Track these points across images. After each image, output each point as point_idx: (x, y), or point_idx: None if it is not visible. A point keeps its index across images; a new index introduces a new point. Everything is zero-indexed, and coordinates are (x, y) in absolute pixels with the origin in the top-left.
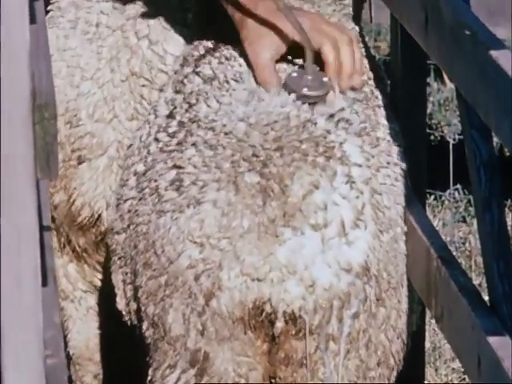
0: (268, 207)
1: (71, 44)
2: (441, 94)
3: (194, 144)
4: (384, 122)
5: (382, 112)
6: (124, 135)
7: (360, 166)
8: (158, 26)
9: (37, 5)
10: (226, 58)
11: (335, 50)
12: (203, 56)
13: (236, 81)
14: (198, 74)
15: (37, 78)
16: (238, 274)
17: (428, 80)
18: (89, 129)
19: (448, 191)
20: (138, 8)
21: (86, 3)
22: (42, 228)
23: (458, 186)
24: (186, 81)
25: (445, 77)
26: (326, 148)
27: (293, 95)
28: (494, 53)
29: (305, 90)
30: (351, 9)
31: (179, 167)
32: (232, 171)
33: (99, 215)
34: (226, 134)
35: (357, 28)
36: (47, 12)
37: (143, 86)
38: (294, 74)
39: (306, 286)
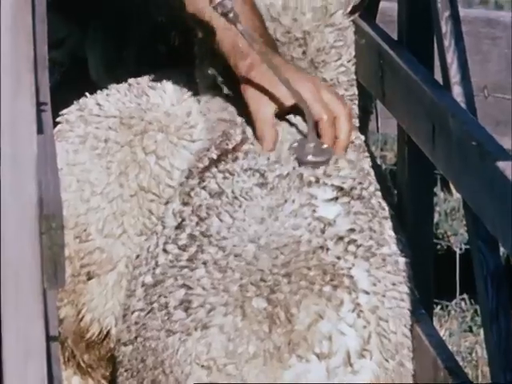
0: (274, 334)
1: (81, 159)
2: (447, 203)
3: (204, 263)
4: (391, 233)
5: (388, 224)
6: (133, 250)
7: (367, 293)
8: (165, 142)
9: (44, 115)
10: (230, 173)
11: (332, 126)
12: (207, 168)
13: (245, 198)
14: (204, 188)
15: (44, 188)
16: None
17: (435, 189)
18: (98, 244)
19: (454, 301)
20: (145, 124)
21: (94, 118)
22: (49, 338)
23: (465, 295)
24: (192, 193)
25: (451, 186)
26: (333, 276)
27: (307, 210)
28: (501, 164)
29: (310, 158)
30: (357, 121)
31: (188, 287)
32: (240, 295)
33: (108, 331)
34: (235, 256)
35: (362, 137)
36: (55, 123)
37: (151, 200)
38: (296, 144)
39: None
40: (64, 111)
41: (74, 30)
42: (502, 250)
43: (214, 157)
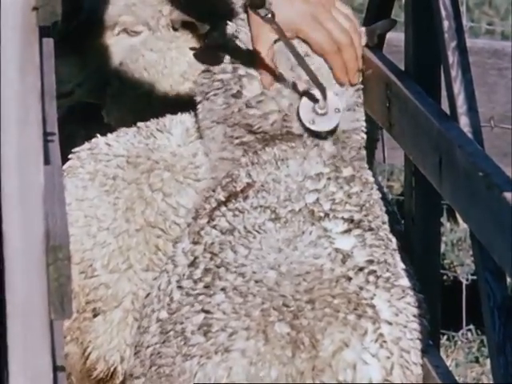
0: (297, 359)
1: (89, 195)
2: (454, 234)
3: (223, 289)
4: (402, 265)
5: (398, 256)
6: (139, 286)
7: (390, 323)
8: (171, 180)
9: (51, 146)
10: (240, 211)
11: (338, 54)
12: (216, 208)
13: (258, 232)
14: (214, 227)
15: (51, 220)
16: None
17: (441, 219)
18: (103, 280)
19: (461, 331)
20: (152, 163)
21: (104, 157)
22: (56, 368)
23: (471, 326)
24: (202, 232)
25: (458, 217)
26: (357, 305)
27: (325, 241)
28: (508, 195)
29: (317, 123)
30: (364, 152)
31: (207, 312)
32: (262, 320)
33: (114, 369)
34: (256, 281)
35: (370, 173)
36: (66, 159)
37: (158, 236)
38: (304, 106)
39: None
40: (76, 149)
41: (87, 79)
42: (509, 280)
43: (222, 198)
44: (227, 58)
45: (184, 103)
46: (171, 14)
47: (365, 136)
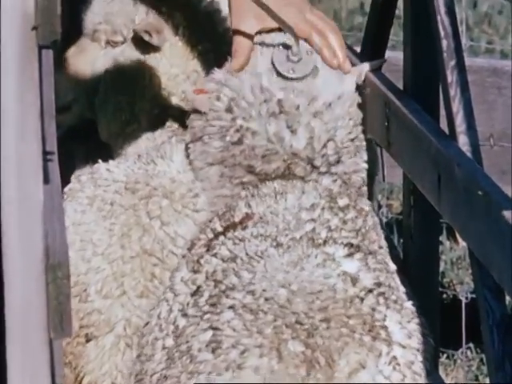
0: (312, 378)
1: (86, 219)
2: (453, 252)
3: (231, 307)
4: (403, 289)
5: (398, 279)
6: (132, 313)
7: (404, 347)
8: (169, 208)
9: (50, 165)
10: (240, 240)
11: (324, 38)
12: (213, 239)
13: (261, 257)
14: (214, 255)
15: (50, 238)
16: None
17: (440, 238)
18: (97, 305)
19: (460, 350)
20: (150, 189)
21: (104, 182)
22: None
23: (471, 344)
24: (202, 261)
25: (457, 235)
26: (371, 327)
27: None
28: (506, 213)
29: (292, 70)
30: (365, 189)
31: (216, 328)
32: (275, 337)
33: None
34: (266, 299)
35: (368, 203)
36: (65, 177)
37: (155, 265)
38: (278, 56)
39: None
40: (78, 172)
41: (81, 93)
42: (508, 298)
43: (219, 228)
44: (220, 105)
45: (168, 116)
46: (140, 23)
47: (365, 176)
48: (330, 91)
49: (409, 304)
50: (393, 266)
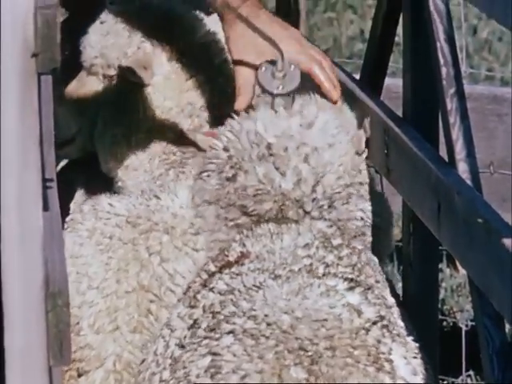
0: None
1: (84, 252)
2: (453, 279)
3: (231, 332)
4: (401, 323)
5: (396, 313)
6: (124, 348)
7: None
8: (170, 245)
9: (50, 192)
10: (237, 274)
11: (323, 70)
12: (209, 278)
13: (260, 288)
14: (211, 290)
15: (50, 266)
16: None
17: (440, 266)
18: (88, 340)
19: (460, 377)
20: (151, 224)
21: (105, 215)
22: None
23: (471, 372)
24: (199, 296)
25: (457, 262)
26: (376, 358)
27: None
28: (506, 241)
29: (280, 87)
30: (363, 238)
31: (215, 354)
32: (276, 363)
33: None
34: (268, 324)
35: (368, 255)
36: (65, 206)
37: (151, 301)
38: (264, 73)
39: None
40: (79, 201)
41: (84, 125)
42: (507, 326)
43: (213, 269)
44: (219, 144)
45: (165, 148)
46: (132, 56)
47: (360, 224)
48: (322, 139)
49: (410, 339)
50: (391, 300)
